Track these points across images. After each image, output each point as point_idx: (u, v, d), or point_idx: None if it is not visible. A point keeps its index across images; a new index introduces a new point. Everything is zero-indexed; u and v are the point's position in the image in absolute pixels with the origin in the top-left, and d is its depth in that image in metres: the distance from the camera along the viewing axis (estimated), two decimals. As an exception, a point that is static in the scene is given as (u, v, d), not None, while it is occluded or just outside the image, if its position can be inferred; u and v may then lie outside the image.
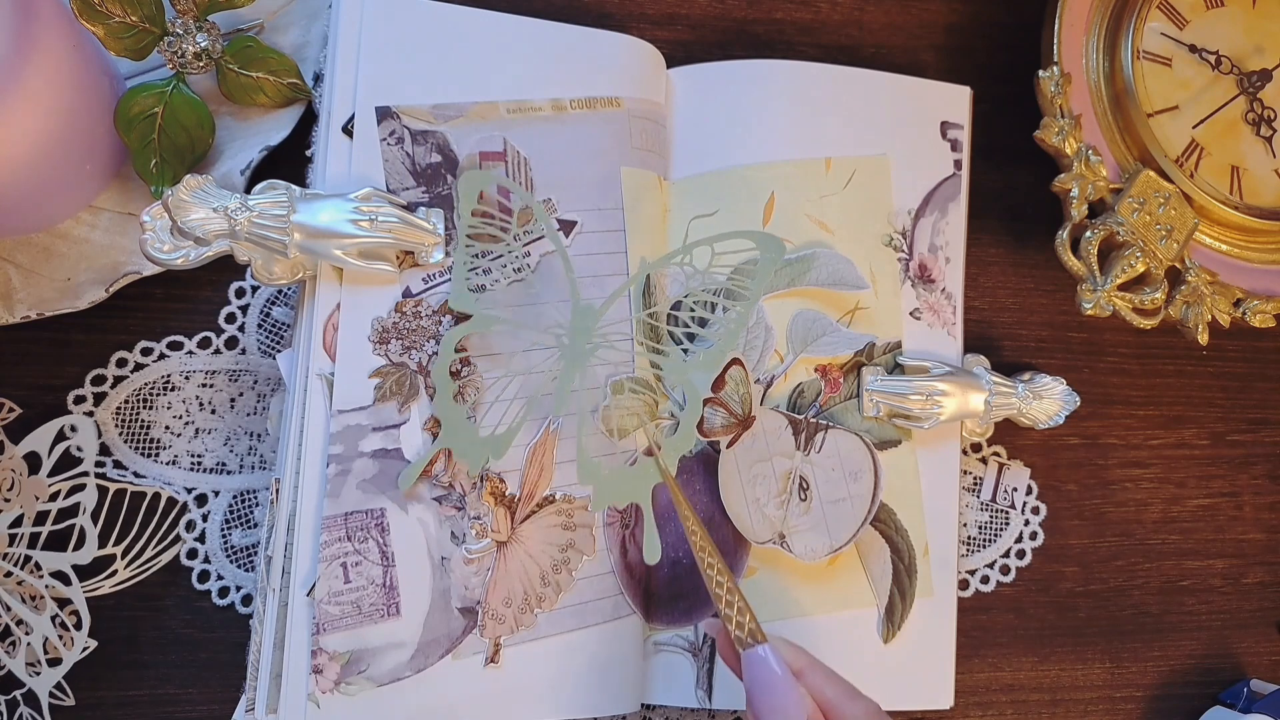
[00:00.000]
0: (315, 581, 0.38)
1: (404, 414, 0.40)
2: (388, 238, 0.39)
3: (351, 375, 0.39)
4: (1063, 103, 0.46)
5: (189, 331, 0.44)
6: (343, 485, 0.38)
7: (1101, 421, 0.52)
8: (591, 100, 0.43)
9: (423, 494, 0.39)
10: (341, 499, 0.38)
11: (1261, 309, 0.48)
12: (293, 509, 0.38)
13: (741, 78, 0.46)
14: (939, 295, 0.48)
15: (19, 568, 0.40)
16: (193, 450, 0.43)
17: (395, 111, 0.41)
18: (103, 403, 0.42)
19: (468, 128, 0.42)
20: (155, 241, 0.38)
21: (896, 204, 0.47)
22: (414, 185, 0.41)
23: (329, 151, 0.40)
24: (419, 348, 0.40)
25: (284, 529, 0.39)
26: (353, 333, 0.40)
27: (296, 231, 0.38)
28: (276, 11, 0.45)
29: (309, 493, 0.38)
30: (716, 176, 0.45)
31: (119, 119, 0.41)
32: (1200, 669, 0.52)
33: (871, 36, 0.52)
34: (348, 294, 0.40)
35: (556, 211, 0.42)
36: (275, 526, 0.39)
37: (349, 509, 0.38)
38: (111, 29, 0.40)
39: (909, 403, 0.45)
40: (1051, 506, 0.51)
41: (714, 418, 0.44)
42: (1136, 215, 0.46)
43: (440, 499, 0.39)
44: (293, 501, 0.38)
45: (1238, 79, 0.50)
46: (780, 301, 0.45)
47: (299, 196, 0.38)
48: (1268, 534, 0.54)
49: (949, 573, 0.46)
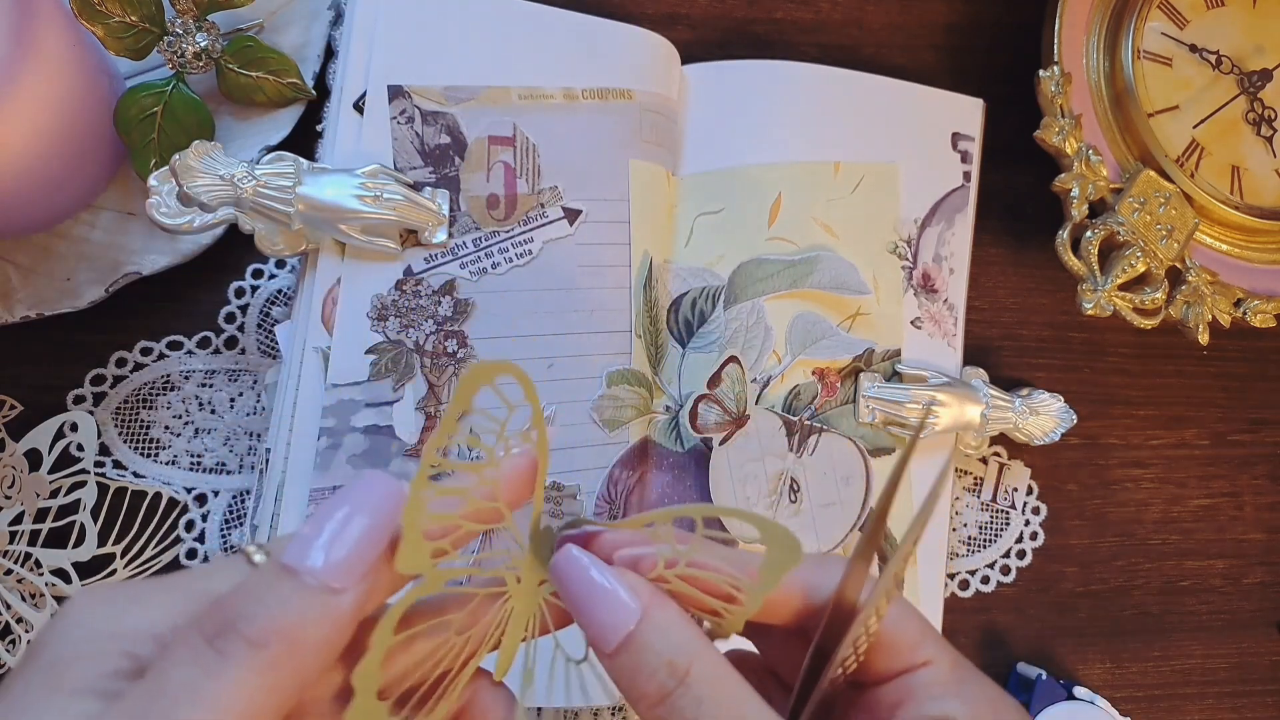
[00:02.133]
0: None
1: (398, 392, 0.40)
2: (391, 215, 0.39)
3: (348, 350, 0.39)
4: (1063, 102, 0.46)
5: (188, 331, 0.44)
6: (332, 458, 0.39)
7: (1102, 421, 0.52)
8: (604, 91, 0.44)
9: (412, 472, 0.39)
10: (331, 472, 0.38)
11: (1262, 309, 0.48)
12: (281, 479, 0.39)
13: (756, 78, 0.46)
14: (941, 306, 0.48)
15: (19, 565, 0.40)
16: (192, 450, 0.43)
17: (407, 91, 0.41)
18: (102, 403, 0.43)
19: (478, 111, 0.42)
20: (161, 206, 0.38)
21: (903, 212, 0.47)
22: (421, 165, 0.41)
23: (339, 127, 0.40)
24: (417, 326, 0.40)
25: (272, 499, 0.39)
26: (352, 308, 0.40)
27: (301, 203, 0.38)
28: (276, 11, 0.45)
29: (298, 464, 0.39)
30: (725, 174, 0.45)
31: (118, 119, 0.41)
32: (1201, 669, 0.52)
33: (872, 36, 0.52)
34: (349, 269, 0.40)
35: (562, 199, 0.42)
36: (263, 496, 0.39)
37: (337, 483, 0.39)
38: (111, 29, 0.40)
39: (905, 411, 0.45)
40: (1052, 507, 0.51)
41: (708, 414, 0.44)
42: (1137, 215, 0.46)
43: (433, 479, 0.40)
44: (282, 472, 0.39)
45: (1238, 79, 0.50)
46: (781, 303, 0.45)
47: (306, 169, 0.39)
48: (1268, 534, 0.54)
49: (936, 582, 0.46)
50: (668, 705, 0.23)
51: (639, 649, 0.23)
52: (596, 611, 0.24)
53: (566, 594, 0.25)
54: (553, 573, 0.25)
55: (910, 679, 0.25)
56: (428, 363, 0.40)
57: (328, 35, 0.45)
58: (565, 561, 0.25)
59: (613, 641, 0.24)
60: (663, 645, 0.23)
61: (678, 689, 0.23)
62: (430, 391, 0.40)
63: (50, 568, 0.40)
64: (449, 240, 0.41)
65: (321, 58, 0.45)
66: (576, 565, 0.25)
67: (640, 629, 0.23)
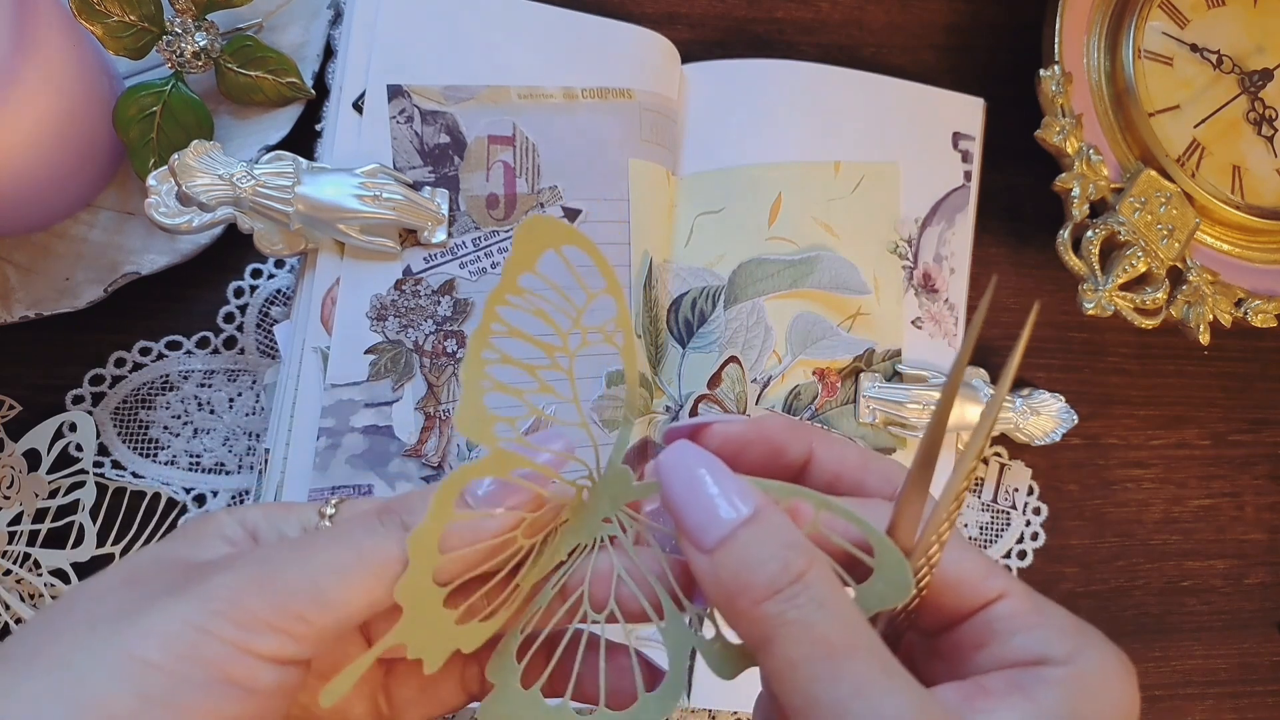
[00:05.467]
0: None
1: (397, 392, 0.40)
2: (391, 215, 0.39)
3: (347, 350, 0.39)
4: (1064, 102, 0.46)
5: (187, 331, 0.44)
6: (331, 459, 0.38)
7: (1102, 422, 0.52)
8: (603, 90, 0.43)
9: (411, 472, 0.39)
10: (329, 472, 0.38)
11: (1263, 309, 0.48)
12: (280, 480, 0.39)
13: (756, 77, 0.46)
14: (941, 305, 0.48)
15: (18, 565, 0.40)
16: (191, 450, 0.43)
17: (406, 90, 0.41)
18: (101, 403, 0.42)
19: (478, 110, 0.42)
20: (160, 206, 0.38)
21: (904, 211, 0.47)
22: (421, 164, 0.41)
23: (338, 126, 0.40)
24: (416, 326, 0.40)
25: (271, 499, 0.39)
26: (351, 308, 0.40)
27: (300, 203, 0.38)
28: (275, 11, 0.45)
29: (297, 464, 0.38)
30: (725, 174, 0.45)
31: (118, 118, 0.41)
32: (1201, 670, 0.52)
33: (872, 36, 0.52)
34: (348, 269, 0.40)
35: (562, 199, 0.42)
36: (262, 496, 0.39)
37: (336, 483, 0.38)
38: (110, 28, 0.40)
39: (905, 411, 0.45)
40: (1052, 507, 0.51)
41: (708, 414, 0.44)
42: (1138, 215, 0.46)
43: (428, 479, 0.40)
44: (281, 472, 0.39)
45: (1239, 78, 0.50)
46: (781, 303, 0.45)
47: (305, 169, 0.38)
48: (1269, 534, 0.54)
49: None
50: (780, 599, 0.21)
51: (750, 542, 0.22)
52: (702, 502, 0.22)
53: (673, 486, 0.23)
54: (660, 464, 0.24)
55: (987, 615, 0.23)
56: (427, 363, 0.40)
57: (327, 34, 0.45)
58: (674, 453, 0.24)
59: (716, 535, 0.22)
60: (779, 541, 0.22)
61: (792, 585, 0.21)
62: (430, 392, 0.40)
63: (49, 568, 0.40)
64: (448, 240, 0.41)
65: (321, 57, 0.44)
66: (685, 455, 0.24)
67: (756, 521, 0.22)
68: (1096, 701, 0.22)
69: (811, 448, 0.27)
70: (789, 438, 0.27)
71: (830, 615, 0.21)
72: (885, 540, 0.23)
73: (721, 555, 0.22)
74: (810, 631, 0.21)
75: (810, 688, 0.20)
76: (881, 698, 0.20)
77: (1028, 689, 0.22)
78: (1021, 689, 0.22)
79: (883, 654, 0.21)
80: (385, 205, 0.39)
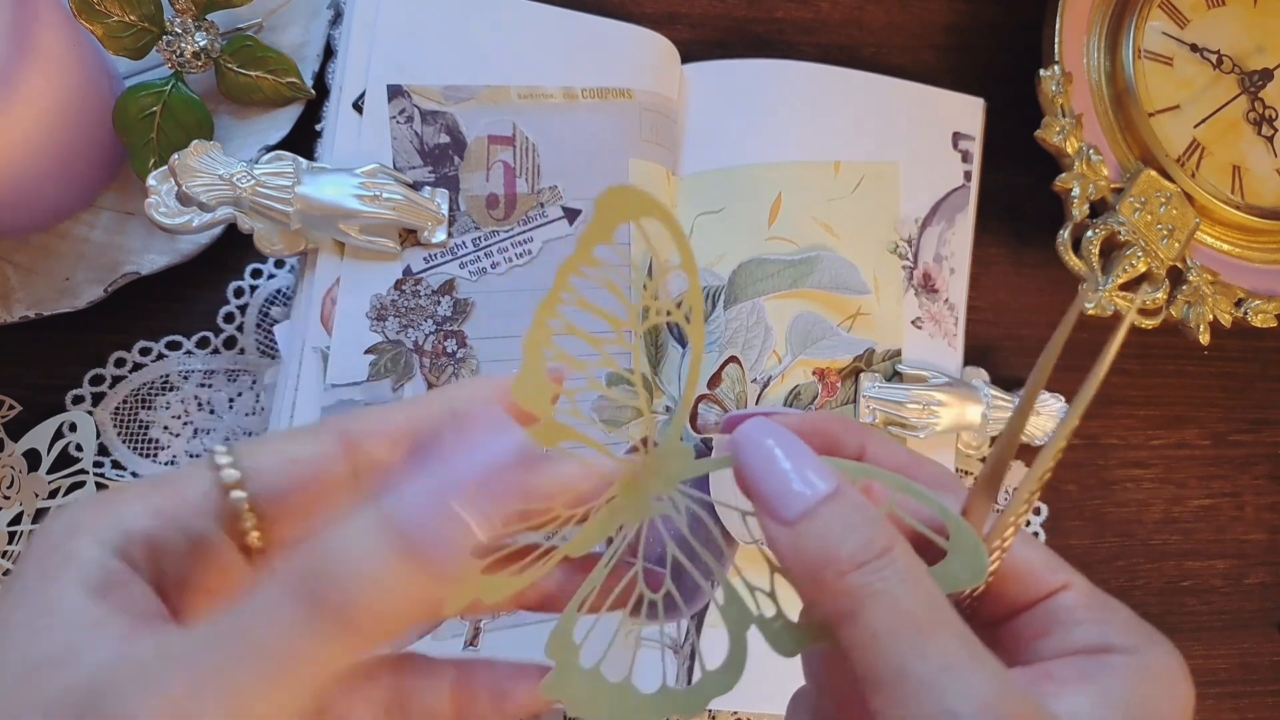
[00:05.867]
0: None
1: (397, 392, 0.40)
2: (391, 215, 0.39)
3: (347, 350, 0.39)
4: (1064, 102, 0.46)
5: (187, 331, 0.44)
6: None
7: (1102, 421, 0.52)
8: (603, 90, 0.43)
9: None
10: None
11: (1263, 309, 0.48)
12: None
13: (756, 77, 0.46)
14: (941, 305, 0.48)
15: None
16: (191, 450, 0.43)
17: (406, 90, 0.41)
18: (101, 403, 0.42)
19: (478, 110, 0.42)
20: (160, 206, 0.38)
21: (904, 211, 0.47)
22: (421, 164, 0.41)
23: (338, 126, 0.40)
24: (416, 326, 0.40)
25: None
26: (351, 308, 0.40)
27: (300, 203, 0.38)
28: (275, 11, 0.45)
29: None
30: (725, 174, 0.45)
31: (117, 119, 0.41)
32: (1201, 670, 0.52)
33: (872, 36, 0.52)
34: (348, 269, 0.40)
35: (562, 199, 0.42)
36: None
37: None
38: (110, 28, 0.40)
39: (905, 411, 0.45)
40: (1052, 507, 0.51)
41: (708, 415, 0.44)
42: (1138, 215, 0.46)
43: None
44: None
45: (1239, 78, 0.50)
46: (781, 303, 0.45)
47: (305, 169, 0.39)
48: (1269, 534, 0.54)
49: None
50: (867, 570, 0.21)
51: (833, 516, 0.22)
52: (782, 475, 0.23)
53: (753, 458, 0.23)
54: (737, 438, 0.24)
55: (1050, 605, 0.24)
56: (427, 363, 0.40)
57: (327, 34, 0.45)
58: (753, 427, 0.24)
59: (799, 508, 0.22)
60: (861, 517, 0.22)
61: (878, 559, 0.21)
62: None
63: (49, 568, 0.40)
64: (448, 240, 0.41)
65: (321, 57, 0.44)
66: (765, 429, 0.23)
67: (838, 497, 0.22)
68: (1162, 690, 0.22)
69: (864, 445, 0.27)
70: (843, 433, 0.27)
71: (916, 590, 0.21)
72: (964, 523, 0.23)
73: (805, 526, 0.22)
74: (897, 604, 0.21)
75: (899, 660, 0.20)
76: (970, 674, 0.20)
77: (1095, 675, 0.22)
78: (1089, 675, 0.22)
79: (966, 632, 0.21)
80: (385, 205, 0.39)
